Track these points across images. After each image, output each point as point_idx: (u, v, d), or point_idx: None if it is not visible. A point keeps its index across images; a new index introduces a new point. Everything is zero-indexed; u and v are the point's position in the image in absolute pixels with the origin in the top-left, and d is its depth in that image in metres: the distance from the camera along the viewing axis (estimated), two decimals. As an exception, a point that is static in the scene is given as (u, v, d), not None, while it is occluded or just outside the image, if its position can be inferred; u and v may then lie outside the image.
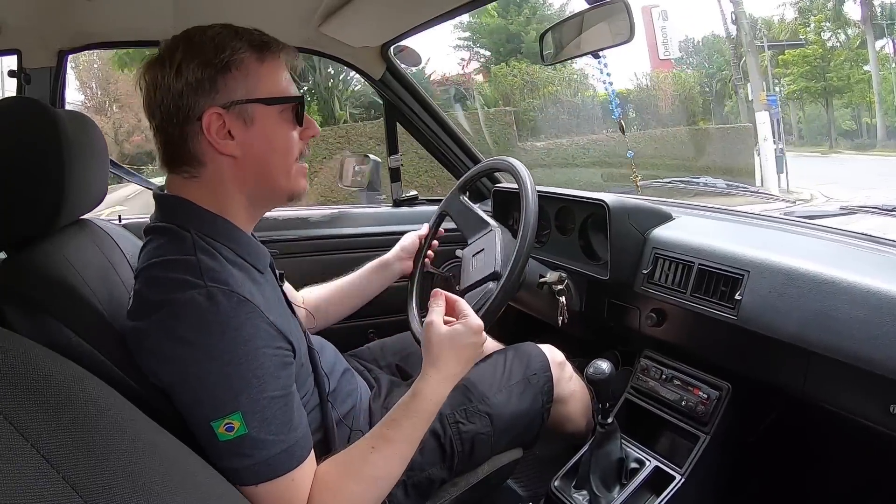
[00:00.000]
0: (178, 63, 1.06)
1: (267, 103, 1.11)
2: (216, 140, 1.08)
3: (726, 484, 1.67)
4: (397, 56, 2.36)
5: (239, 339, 1.01)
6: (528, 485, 2.06)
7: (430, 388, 1.21)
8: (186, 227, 1.10)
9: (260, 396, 1.01)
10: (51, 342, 0.98)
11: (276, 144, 1.14)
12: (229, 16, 1.78)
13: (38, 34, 1.83)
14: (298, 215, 2.36)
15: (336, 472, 1.12)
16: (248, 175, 1.14)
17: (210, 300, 1.00)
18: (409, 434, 1.18)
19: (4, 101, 1.12)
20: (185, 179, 1.13)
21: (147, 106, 1.10)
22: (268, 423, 1.01)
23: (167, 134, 1.09)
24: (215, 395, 0.99)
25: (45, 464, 0.52)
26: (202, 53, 1.07)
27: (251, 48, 1.11)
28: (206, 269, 1.04)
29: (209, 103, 1.07)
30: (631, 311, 1.79)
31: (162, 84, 1.07)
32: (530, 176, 1.58)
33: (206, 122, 1.07)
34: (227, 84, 1.08)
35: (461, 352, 1.24)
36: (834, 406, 1.32)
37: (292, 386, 1.09)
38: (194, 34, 1.09)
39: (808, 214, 1.78)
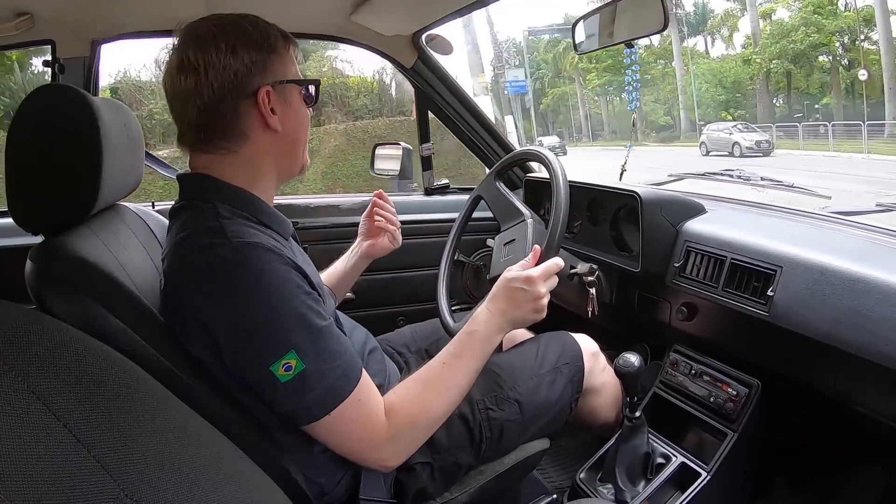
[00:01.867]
0: (234, 45, 1.13)
1: (299, 83, 1.23)
2: (268, 114, 1.17)
3: (752, 482, 1.65)
4: (429, 45, 2.36)
5: (274, 284, 1.06)
6: (553, 476, 2.06)
7: (480, 321, 1.35)
8: (210, 199, 1.15)
9: (307, 331, 1.07)
10: (86, 324, 1.00)
11: (303, 121, 1.27)
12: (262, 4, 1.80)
13: (72, 25, 1.86)
14: (330, 203, 2.37)
15: (415, 385, 1.25)
16: (283, 149, 1.24)
17: (237, 253, 1.05)
18: (468, 363, 1.31)
19: (43, 88, 1.13)
20: (220, 156, 1.18)
21: (192, 86, 1.13)
22: (320, 354, 1.08)
23: (216, 111, 1.14)
24: (266, 340, 1.04)
25: (77, 443, 0.53)
26: (253, 37, 1.16)
27: (281, 36, 1.21)
28: (228, 228, 1.09)
29: (262, 81, 1.16)
30: (661, 304, 1.78)
31: (217, 63, 1.12)
32: (562, 166, 1.57)
33: (261, 97, 1.16)
34: (272, 65, 1.18)
35: (512, 293, 1.37)
36: (863, 407, 1.30)
37: (329, 317, 1.14)
38: (236, 20, 1.17)
39: (843, 210, 1.74)
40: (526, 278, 1.36)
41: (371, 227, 1.74)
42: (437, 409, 1.24)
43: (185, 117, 1.16)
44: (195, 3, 1.79)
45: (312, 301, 1.11)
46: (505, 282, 1.39)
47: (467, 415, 1.41)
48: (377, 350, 1.54)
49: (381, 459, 1.18)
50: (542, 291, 1.37)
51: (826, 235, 1.55)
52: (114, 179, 1.16)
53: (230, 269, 1.05)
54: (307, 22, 2.06)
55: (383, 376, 1.47)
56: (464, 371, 1.29)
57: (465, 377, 1.29)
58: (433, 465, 1.36)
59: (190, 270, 1.07)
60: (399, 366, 1.64)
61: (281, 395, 1.07)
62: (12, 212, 1.08)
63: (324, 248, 2.19)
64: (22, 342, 0.56)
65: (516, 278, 1.37)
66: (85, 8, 1.80)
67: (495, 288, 1.40)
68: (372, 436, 1.15)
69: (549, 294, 1.39)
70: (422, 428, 1.22)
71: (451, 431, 1.35)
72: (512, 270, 1.41)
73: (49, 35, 1.86)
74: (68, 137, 1.09)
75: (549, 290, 1.39)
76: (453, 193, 2.62)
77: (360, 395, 1.13)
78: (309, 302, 1.10)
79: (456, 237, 1.88)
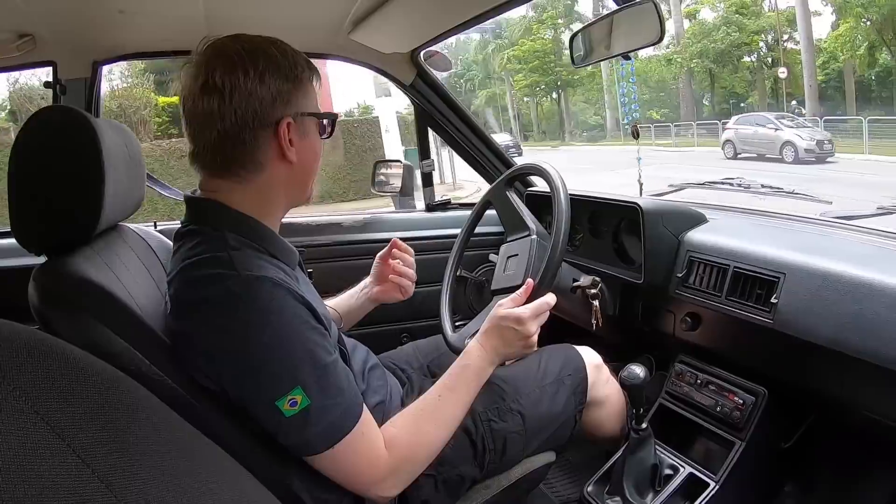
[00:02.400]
0: (262, 72, 1.12)
1: (319, 117, 1.23)
2: (287, 146, 1.16)
3: (761, 491, 1.64)
4: (427, 61, 2.37)
5: (283, 320, 1.07)
6: (560, 490, 2.05)
7: (473, 355, 1.39)
8: (219, 227, 1.15)
9: (313, 367, 1.08)
10: (89, 344, 1.00)
11: (317, 154, 1.26)
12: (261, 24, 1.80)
13: (73, 46, 1.87)
14: (331, 220, 2.37)
15: (413, 418, 1.27)
16: (295, 180, 1.23)
17: (246, 287, 1.06)
18: (462, 396, 1.34)
19: (44, 110, 1.14)
20: (233, 182, 1.17)
21: (215, 109, 1.11)
22: (325, 390, 1.09)
23: (236, 137, 1.13)
24: (273, 376, 1.05)
25: (81, 463, 0.53)
26: (281, 67, 1.15)
27: (308, 68, 1.21)
28: (237, 260, 1.08)
29: (285, 112, 1.15)
30: (665, 314, 1.78)
31: (243, 89, 1.11)
32: (563, 180, 1.58)
33: (282, 128, 1.15)
34: (297, 97, 1.17)
35: (503, 331, 1.40)
36: (871, 412, 1.30)
37: (335, 351, 1.15)
38: (267, 46, 1.16)
39: (844, 215, 1.74)
40: (516, 318, 1.40)
41: (384, 272, 1.71)
42: (435, 441, 1.26)
43: (202, 138, 1.14)
44: (195, 24, 1.81)
45: (318, 336, 1.11)
46: (496, 319, 1.41)
47: (470, 427, 1.41)
48: (378, 367, 1.55)
49: (382, 490, 1.18)
50: (532, 330, 1.41)
51: (828, 241, 1.55)
52: (116, 200, 1.17)
53: (238, 303, 1.05)
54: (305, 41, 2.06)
55: (384, 393, 1.46)
56: (459, 404, 1.32)
57: (459, 409, 1.32)
58: (437, 477, 1.36)
59: (197, 301, 1.07)
60: (401, 381, 1.64)
61: (284, 428, 1.07)
62: (15, 233, 1.09)
63: (327, 266, 2.19)
64: (26, 362, 0.56)
65: (507, 317, 1.40)
66: (86, 29, 1.82)
67: (487, 324, 1.43)
68: (373, 468, 1.16)
69: (538, 330, 1.43)
70: (421, 459, 1.24)
71: (454, 444, 1.35)
72: (504, 306, 1.43)
73: (51, 56, 1.87)
74: (71, 159, 1.09)
75: (540, 325, 1.43)
76: (454, 209, 2.62)
77: (362, 428, 1.14)
78: (315, 337, 1.10)
79: (459, 252, 1.88)
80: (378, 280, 1.72)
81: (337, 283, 1.81)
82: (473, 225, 1.91)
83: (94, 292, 1.06)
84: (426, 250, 2.31)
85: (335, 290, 1.78)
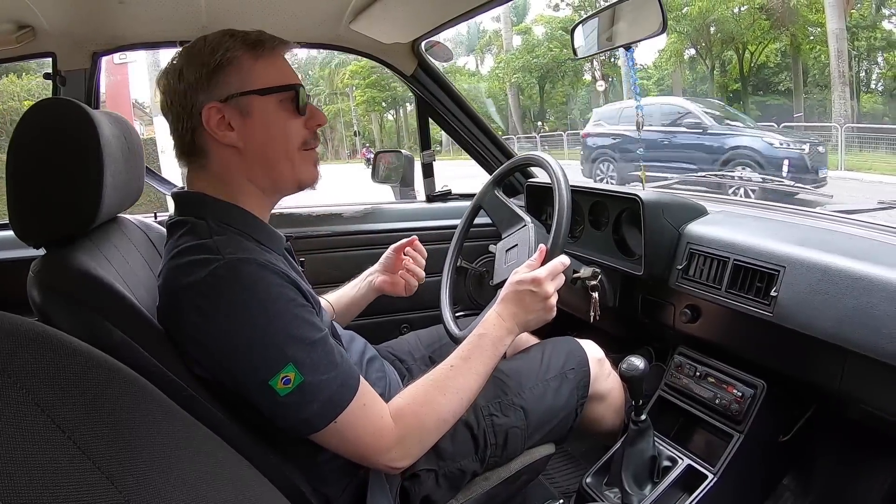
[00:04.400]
0: (180, 69, 1.16)
1: (261, 93, 1.18)
2: (216, 132, 1.16)
3: (760, 483, 1.65)
4: (428, 52, 2.36)
5: (269, 299, 1.07)
6: (559, 481, 2.06)
7: (489, 324, 1.37)
8: (202, 216, 1.16)
9: (304, 344, 1.08)
10: (89, 336, 1.00)
11: (274, 133, 1.20)
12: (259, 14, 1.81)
13: (72, 37, 1.86)
14: (332, 211, 2.37)
15: (423, 387, 1.25)
16: (251, 164, 1.20)
17: (231, 269, 1.06)
18: (476, 366, 1.31)
19: (43, 102, 1.13)
20: (197, 171, 1.21)
21: (163, 111, 1.21)
22: (317, 366, 1.08)
23: (178, 132, 1.19)
24: (265, 356, 1.05)
25: (82, 455, 0.53)
26: (199, 56, 1.16)
27: (245, 45, 1.17)
28: (221, 245, 1.09)
29: (207, 99, 1.15)
30: (665, 307, 1.78)
31: (170, 89, 1.18)
32: (563, 171, 1.58)
33: (205, 116, 1.15)
34: (222, 80, 1.16)
35: (521, 296, 1.39)
36: (870, 406, 1.30)
37: (324, 328, 1.14)
38: (195, 43, 1.19)
39: (845, 209, 1.74)
40: (533, 279, 1.38)
41: (396, 264, 1.73)
42: (445, 411, 1.23)
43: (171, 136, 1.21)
44: (195, 14, 1.80)
45: (307, 313, 1.11)
46: (513, 285, 1.40)
47: (471, 421, 1.41)
48: (376, 358, 1.54)
49: (391, 461, 1.17)
50: (550, 291, 1.39)
51: (828, 234, 1.55)
52: (115, 192, 1.17)
53: (224, 286, 1.05)
54: (306, 31, 2.07)
55: (384, 384, 1.47)
56: (472, 373, 1.29)
57: (473, 379, 1.29)
58: (437, 471, 1.36)
59: (183, 287, 1.07)
60: (401, 373, 1.64)
61: (282, 409, 1.07)
62: (14, 225, 1.08)
63: (326, 257, 2.19)
64: (26, 355, 0.56)
65: (523, 280, 1.39)
66: (86, 21, 1.81)
67: (503, 291, 1.42)
68: (380, 439, 1.15)
69: (556, 293, 1.40)
70: (430, 429, 1.22)
71: (455, 438, 1.35)
72: (519, 273, 1.42)
73: (50, 48, 1.87)
74: (69, 151, 1.09)
75: (557, 288, 1.41)
76: (455, 200, 2.62)
77: (362, 400, 1.13)
78: (304, 314, 1.10)
79: (458, 244, 1.88)
80: (386, 269, 1.73)
81: (337, 273, 1.82)
82: (469, 223, 1.91)
83: (94, 285, 1.06)
84: (426, 241, 2.30)
85: (335, 281, 1.78)
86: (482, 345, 1.33)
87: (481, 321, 1.39)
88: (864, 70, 25.78)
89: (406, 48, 2.31)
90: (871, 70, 26.09)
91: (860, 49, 23.88)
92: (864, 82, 26.04)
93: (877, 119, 20.58)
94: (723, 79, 27.52)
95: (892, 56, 23.99)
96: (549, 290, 1.38)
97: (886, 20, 23.31)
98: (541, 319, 1.40)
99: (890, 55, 24.06)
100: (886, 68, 24.74)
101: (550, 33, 30.73)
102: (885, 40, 23.40)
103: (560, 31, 30.04)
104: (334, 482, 1.26)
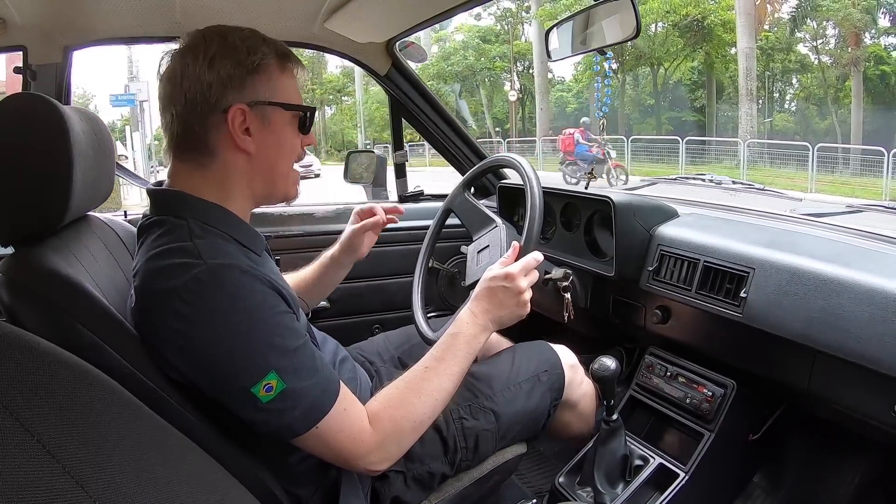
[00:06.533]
0: (212, 57, 1.11)
1: (285, 108, 1.18)
2: (237, 134, 1.13)
3: (730, 481, 1.67)
4: (403, 52, 2.36)
5: (251, 306, 1.05)
6: (532, 481, 2.06)
7: (463, 322, 1.36)
8: (182, 216, 1.13)
9: (286, 351, 1.07)
10: (58, 337, 0.98)
11: (285, 148, 1.21)
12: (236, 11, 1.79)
13: (44, 31, 1.83)
14: (303, 211, 2.36)
15: (397, 391, 1.24)
16: (256, 172, 1.19)
17: (213, 276, 1.04)
18: (451, 366, 1.30)
19: (12, 97, 1.11)
20: (191, 169, 1.16)
21: (169, 93, 1.13)
22: (299, 372, 1.07)
23: (187, 122, 1.13)
24: (247, 363, 1.03)
25: (51, 459, 0.52)
26: (235, 52, 1.12)
27: (276, 56, 1.17)
28: (202, 249, 1.07)
29: (236, 99, 1.12)
30: (636, 308, 1.79)
31: (191, 73, 1.11)
32: (535, 172, 1.58)
33: (231, 115, 1.12)
34: (253, 84, 1.14)
35: (494, 291, 1.39)
36: (838, 405, 1.33)
37: (305, 334, 1.14)
38: (228, 33, 1.14)
39: (814, 212, 1.77)
40: (506, 275, 1.38)
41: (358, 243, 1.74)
42: (421, 413, 1.23)
43: (163, 123, 1.15)
44: (169, 9, 1.78)
45: (289, 319, 1.10)
46: (486, 281, 1.40)
47: (441, 424, 1.40)
48: (348, 360, 1.54)
49: (370, 464, 1.17)
50: (524, 286, 1.39)
51: (797, 237, 1.57)
52: (85, 190, 1.15)
53: (206, 292, 1.03)
54: (279, 29, 2.05)
55: (354, 385, 1.45)
56: (447, 374, 1.29)
57: (448, 380, 1.28)
58: (406, 473, 1.37)
59: (164, 291, 1.04)
60: (370, 374, 1.63)
61: (263, 415, 1.05)
62: None
63: (298, 257, 2.18)
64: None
65: (496, 276, 1.39)
66: (58, 14, 1.77)
67: (477, 289, 1.41)
68: (360, 443, 1.14)
69: (530, 289, 1.40)
70: (407, 432, 1.21)
71: (424, 441, 1.32)
72: (492, 269, 1.42)
73: (21, 41, 1.83)
74: (38, 147, 1.06)
75: (531, 283, 1.41)
76: (427, 200, 2.62)
77: (342, 404, 1.12)
78: (286, 321, 1.09)
79: (430, 245, 1.88)
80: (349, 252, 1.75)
81: None
82: (439, 227, 1.90)
83: (63, 284, 1.04)
84: (399, 241, 2.31)
85: None
86: (456, 344, 1.32)
87: (454, 321, 1.39)
88: (778, 90, 27.56)
89: (380, 48, 2.30)
90: (786, 90, 27.93)
91: (775, 70, 25.44)
92: (779, 102, 27.96)
93: (788, 136, 21.95)
94: (635, 93, 28.76)
95: (805, 78, 25.66)
96: (523, 286, 1.38)
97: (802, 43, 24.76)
98: (515, 315, 1.40)
99: (804, 77, 25.73)
100: (800, 89, 26.50)
101: (466, 42, 31.57)
102: (798, 62, 24.88)
103: (477, 40, 31.08)
104: (306, 483, 1.25)
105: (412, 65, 2.44)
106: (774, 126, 25.67)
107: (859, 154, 16.20)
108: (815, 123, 25.78)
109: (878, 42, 23.48)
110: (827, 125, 24.64)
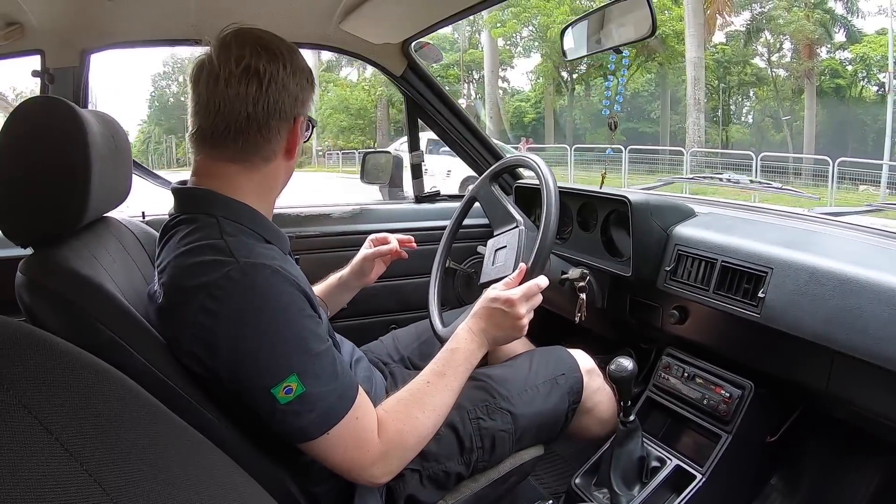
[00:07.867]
0: (294, 69, 1.18)
1: (311, 123, 1.29)
2: (298, 142, 1.23)
3: (748, 484, 1.66)
4: (418, 52, 2.35)
5: (279, 307, 1.06)
6: (548, 482, 2.06)
7: (461, 339, 1.39)
8: (212, 213, 1.14)
9: (309, 355, 1.08)
10: (77, 336, 0.99)
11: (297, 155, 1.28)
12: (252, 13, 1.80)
13: (62, 34, 1.84)
14: (320, 212, 2.36)
15: (402, 404, 1.25)
16: (287, 177, 1.29)
17: (244, 274, 1.05)
18: (451, 382, 1.32)
19: (31, 100, 1.12)
20: (240, 167, 1.18)
21: (252, 92, 1.13)
22: (319, 377, 1.08)
23: (263, 123, 1.16)
24: (269, 364, 1.04)
25: (69, 457, 0.52)
26: (305, 69, 1.21)
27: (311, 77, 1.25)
28: (234, 247, 1.08)
29: (302, 111, 1.21)
30: (653, 308, 1.78)
31: (279, 79, 1.15)
32: (552, 173, 1.58)
33: (299, 123, 1.21)
34: (309, 100, 1.23)
35: (492, 313, 1.41)
36: (857, 406, 1.31)
37: (328, 338, 1.15)
38: (294, 53, 1.20)
39: (833, 212, 1.75)
40: (506, 300, 1.40)
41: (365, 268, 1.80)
42: (424, 427, 1.24)
43: (226, 119, 1.13)
44: (184, 12, 1.79)
45: (313, 324, 1.11)
46: (487, 301, 1.43)
47: (457, 424, 1.41)
48: (363, 360, 1.56)
49: (372, 476, 1.17)
50: (522, 313, 1.41)
51: (816, 237, 1.56)
52: (103, 191, 1.16)
53: (237, 290, 1.04)
54: (295, 31, 2.05)
55: (370, 385, 1.48)
56: (448, 389, 1.31)
57: (449, 395, 1.31)
58: (422, 472, 1.37)
59: (195, 287, 1.05)
60: (384, 375, 1.64)
61: (279, 416, 1.06)
62: (1, 224, 1.07)
63: (315, 258, 2.19)
64: (13, 355, 0.55)
65: (497, 299, 1.41)
66: (75, 18, 1.79)
67: (477, 306, 1.44)
68: (364, 453, 1.15)
69: (531, 313, 1.43)
70: (411, 446, 1.22)
71: (440, 440, 1.35)
72: (495, 289, 1.45)
73: (39, 45, 1.84)
74: (57, 150, 1.07)
75: (531, 308, 1.43)
76: (443, 201, 2.62)
77: (356, 413, 1.13)
78: (311, 325, 1.10)
79: (447, 244, 1.88)
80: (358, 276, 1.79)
81: (324, 274, 1.82)
82: (461, 218, 1.91)
83: (82, 284, 1.05)
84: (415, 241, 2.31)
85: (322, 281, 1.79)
86: (455, 359, 1.35)
87: (453, 336, 1.41)
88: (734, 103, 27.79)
89: (396, 49, 2.30)
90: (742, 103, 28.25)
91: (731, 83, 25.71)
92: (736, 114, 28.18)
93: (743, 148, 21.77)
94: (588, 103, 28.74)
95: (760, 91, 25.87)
96: (521, 312, 1.40)
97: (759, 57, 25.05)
98: (509, 337, 1.43)
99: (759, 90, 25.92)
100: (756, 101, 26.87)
101: (424, 48, 31.47)
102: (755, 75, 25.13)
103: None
104: (322, 481, 1.25)
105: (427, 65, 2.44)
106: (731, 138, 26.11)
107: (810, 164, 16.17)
108: (771, 136, 26.10)
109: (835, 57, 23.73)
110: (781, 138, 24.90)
